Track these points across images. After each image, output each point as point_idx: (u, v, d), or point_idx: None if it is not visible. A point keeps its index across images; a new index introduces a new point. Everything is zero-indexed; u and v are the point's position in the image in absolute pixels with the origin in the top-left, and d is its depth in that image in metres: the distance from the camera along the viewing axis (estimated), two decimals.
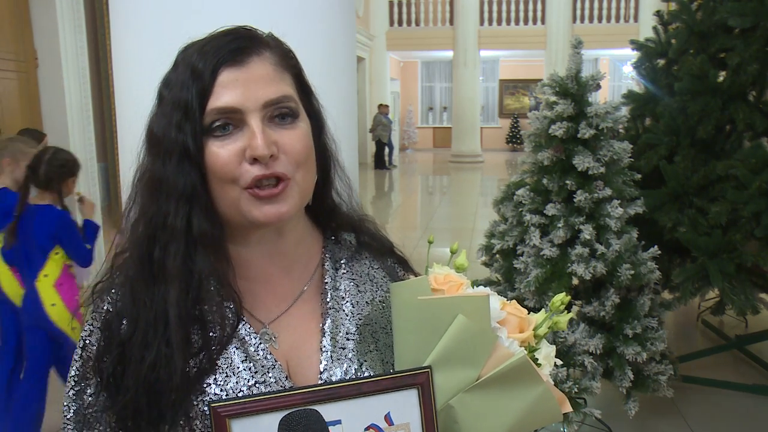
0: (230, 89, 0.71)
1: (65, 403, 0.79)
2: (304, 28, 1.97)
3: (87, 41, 5.51)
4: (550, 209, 2.60)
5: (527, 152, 2.81)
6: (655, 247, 2.67)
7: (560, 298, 0.79)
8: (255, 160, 0.71)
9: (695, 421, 3.17)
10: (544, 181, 2.63)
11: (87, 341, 0.78)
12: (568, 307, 2.77)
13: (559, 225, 2.56)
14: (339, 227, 0.89)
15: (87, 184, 5.54)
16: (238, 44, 0.73)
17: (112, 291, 0.78)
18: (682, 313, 4.50)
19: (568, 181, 2.57)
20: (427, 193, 12.73)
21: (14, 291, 2.83)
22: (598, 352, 2.55)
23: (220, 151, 0.72)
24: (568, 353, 2.59)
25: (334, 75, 2.11)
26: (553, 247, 2.59)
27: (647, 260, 2.61)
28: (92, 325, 0.78)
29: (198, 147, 0.72)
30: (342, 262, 0.87)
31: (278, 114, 0.73)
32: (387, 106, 16.54)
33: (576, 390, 2.52)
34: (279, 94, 0.73)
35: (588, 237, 2.52)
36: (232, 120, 0.72)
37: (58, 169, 2.76)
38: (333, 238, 0.89)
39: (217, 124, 0.72)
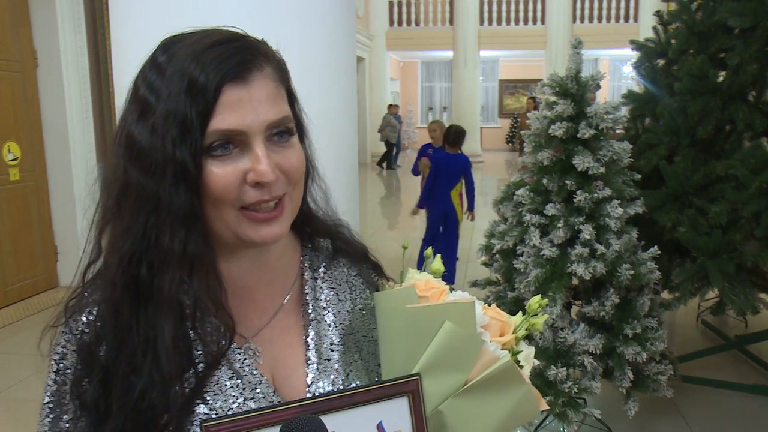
0: (235, 110, 0.68)
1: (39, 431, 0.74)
2: (304, 29, 1.97)
3: (87, 41, 5.50)
4: (550, 209, 2.60)
5: (527, 152, 2.81)
6: (655, 247, 2.66)
7: (537, 300, 0.80)
8: (258, 183, 0.69)
9: (695, 421, 3.17)
10: (544, 181, 2.63)
11: (61, 365, 0.73)
12: (568, 307, 2.77)
13: (559, 225, 2.56)
14: (314, 233, 0.88)
15: (87, 183, 5.53)
16: (241, 57, 0.69)
17: (86, 310, 0.74)
18: (682, 313, 4.50)
19: (568, 181, 2.57)
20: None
21: None
22: (598, 352, 2.55)
23: (220, 172, 0.68)
24: (568, 353, 2.59)
25: (334, 75, 2.11)
26: (552, 247, 2.59)
27: (647, 260, 2.61)
28: (65, 347, 0.73)
29: (197, 167, 0.68)
30: (320, 270, 0.86)
31: (277, 132, 0.72)
32: (397, 106, 16.58)
33: (576, 390, 2.52)
34: (281, 115, 0.71)
35: (588, 237, 2.51)
36: (233, 140, 0.69)
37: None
38: (310, 245, 0.88)
39: (218, 143, 0.68)
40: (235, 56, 0.69)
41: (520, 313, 0.82)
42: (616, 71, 19.33)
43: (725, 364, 3.84)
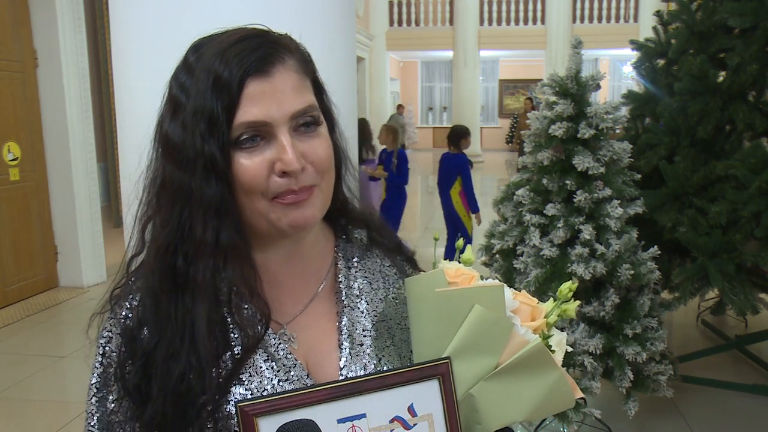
0: (258, 102, 0.70)
1: (88, 410, 0.78)
2: (304, 29, 1.97)
3: (87, 41, 5.50)
4: (550, 209, 2.60)
5: (527, 152, 2.81)
6: (655, 247, 2.66)
7: (568, 285, 0.80)
8: (285, 173, 0.72)
9: (695, 421, 3.17)
10: (544, 181, 2.63)
11: (107, 348, 0.78)
12: None
13: (559, 225, 2.56)
14: (349, 223, 0.90)
15: (87, 184, 5.54)
16: (263, 52, 0.72)
17: (130, 297, 0.78)
18: (682, 313, 4.50)
19: (568, 181, 2.57)
20: (427, 193, 12.71)
21: None
22: (598, 352, 2.55)
23: (248, 164, 0.71)
24: (568, 353, 2.59)
25: (334, 75, 2.11)
26: (552, 247, 2.59)
27: (647, 260, 2.61)
28: (111, 331, 0.78)
29: (226, 159, 0.71)
30: (354, 260, 0.88)
31: (303, 123, 0.74)
32: (403, 107, 16.59)
33: None
34: (305, 104, 0.73)
35: (588, 237, 2.51)
36: (260, 132, 0.71)
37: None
38: (344, 236, 0.90)
39: (245, 136, 0.71)
40: (257, 51, 0.71)
41: (552, 299, 0.82)
42: (616, 71, 19.33)
43: (725, 364, 3.84)
